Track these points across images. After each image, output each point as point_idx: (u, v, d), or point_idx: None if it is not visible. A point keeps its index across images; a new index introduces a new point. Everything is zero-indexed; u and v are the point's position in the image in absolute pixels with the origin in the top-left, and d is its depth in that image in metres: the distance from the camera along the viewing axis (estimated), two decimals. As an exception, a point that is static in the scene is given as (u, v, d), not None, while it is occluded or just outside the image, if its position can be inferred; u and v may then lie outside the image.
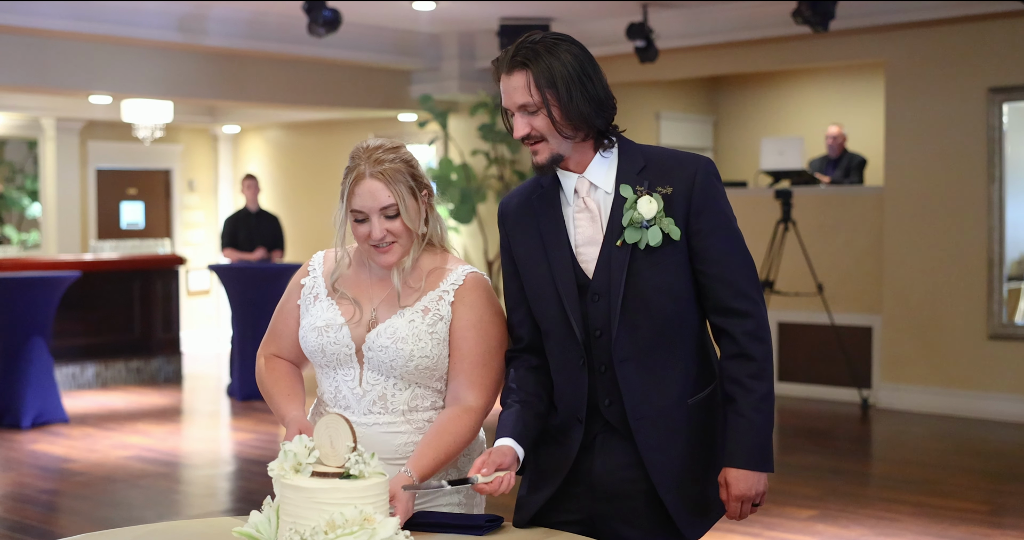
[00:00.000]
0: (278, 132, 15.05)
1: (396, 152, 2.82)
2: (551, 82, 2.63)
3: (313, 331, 2.86)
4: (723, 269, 2.70)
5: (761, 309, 2.72)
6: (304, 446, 2.42)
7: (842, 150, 11.23)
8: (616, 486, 2.75)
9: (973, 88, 9.37)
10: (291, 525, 2.31)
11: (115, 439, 8.78)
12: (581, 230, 2.75)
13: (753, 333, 2.69)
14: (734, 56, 10.69)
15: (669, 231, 2.66)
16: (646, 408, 2.71)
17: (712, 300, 2.72)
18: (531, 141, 2.70)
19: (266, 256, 10.99)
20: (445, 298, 2.84)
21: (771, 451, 2.72)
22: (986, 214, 9.31)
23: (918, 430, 9.00)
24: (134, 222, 14.53)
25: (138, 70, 10.47)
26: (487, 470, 2.63)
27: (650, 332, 2.70)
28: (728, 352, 2.71)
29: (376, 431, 2.82)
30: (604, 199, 2.74)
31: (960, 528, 6.19)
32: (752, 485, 2.69)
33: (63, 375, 10.96)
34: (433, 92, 11.89)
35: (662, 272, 2.69)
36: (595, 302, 2.72)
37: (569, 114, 2.65)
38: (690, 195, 2.68)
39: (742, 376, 2.69)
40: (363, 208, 2.81)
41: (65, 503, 7.01)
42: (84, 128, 13.82)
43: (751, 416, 2.67)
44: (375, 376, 2.83)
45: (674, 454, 2.72)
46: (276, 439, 8.76)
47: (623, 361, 2.70)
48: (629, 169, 2.72)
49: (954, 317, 9.48)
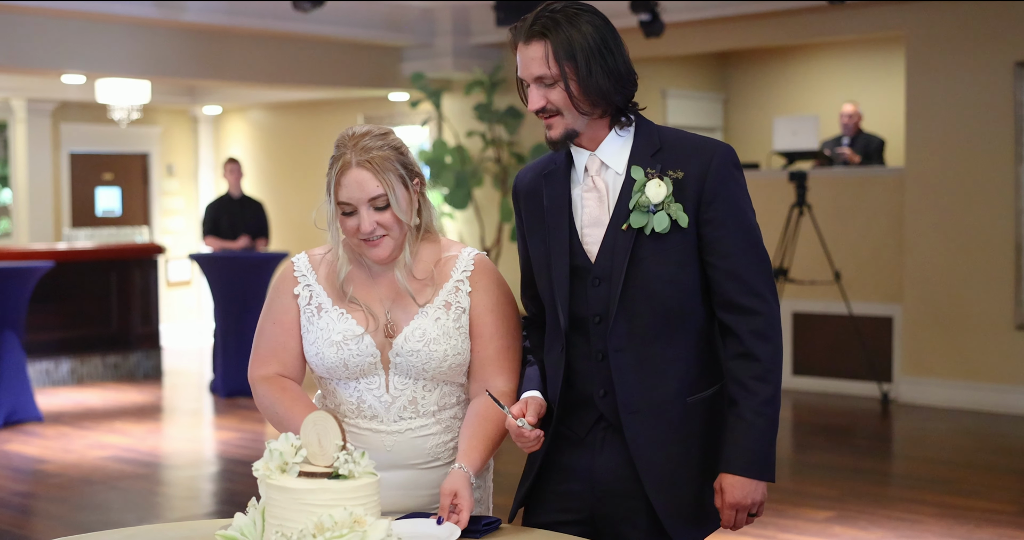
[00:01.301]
0: (262, 113, 15.04)
1: (384, 138, 2.81)
2: (570, 54, 2.64)
3: (331, 346, 2.82)
4: (733, 263, 2.68)
5: (772, 308, 2.70)
6: (291, 445, 2.41)
7: (857, 130, 11.17)
8: (615, 484, 2.76)
9: (999, 62, 9.35)
10: (277, 528, 2.31)
11: (92, 439, 8.78)
12: (588, 210, 2.76)
13: (760, 332, 2.68)
14: (745, 30, 10.67)
15: (677, 217, 2.66)
16: (639, 401, 2.71)
17: (720, 295, 2.71)
18: (546, 115, 2.70)
19: (250, 244, 10.98)
20: (462, 288, 2.87)
21: (773, 459, 2.71)
22: (1013, 196, 9.30)
23: (941, 426, 9.00)
24: (110, 209, 14.52)
25: (113, 48, 10.45)
26: (532, 418, 2.69)
27: (650, 322, 2.70)
28: (732, 351, 2.71)
29: (408, 437, 2.85)
30: (614, 180, 2.74)
31: (986, 530, 6.20)
32: (748, 493, 2.67)
33: (36, 371, 10.96)
34: (426, 70, 11.87)
35: (667, 260, 2.68)
36: (596, 286, 2.72)
37: (587, 88, 2.65)
38: (703, 182, 2.67)
39: (745, 377, 2.67)
40: (350, 199, 2.80)
41: (39, 506, 7.01)
42: (56, 109, 13.80)
43: (752, 420, 2.66)
44: (403, 380, 2.84)
45: (667, 454, 2.71)
46: (261, 438, 8.77)
47: (619, 350, 2.70)
48: (643, 150, 2.73)
49: (979, 306, 9.48)
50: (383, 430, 2.84)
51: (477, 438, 2.76)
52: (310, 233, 13.83)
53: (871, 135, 11.15)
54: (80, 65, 10.38)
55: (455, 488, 2.64)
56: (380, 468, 2.84)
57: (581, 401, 2.78)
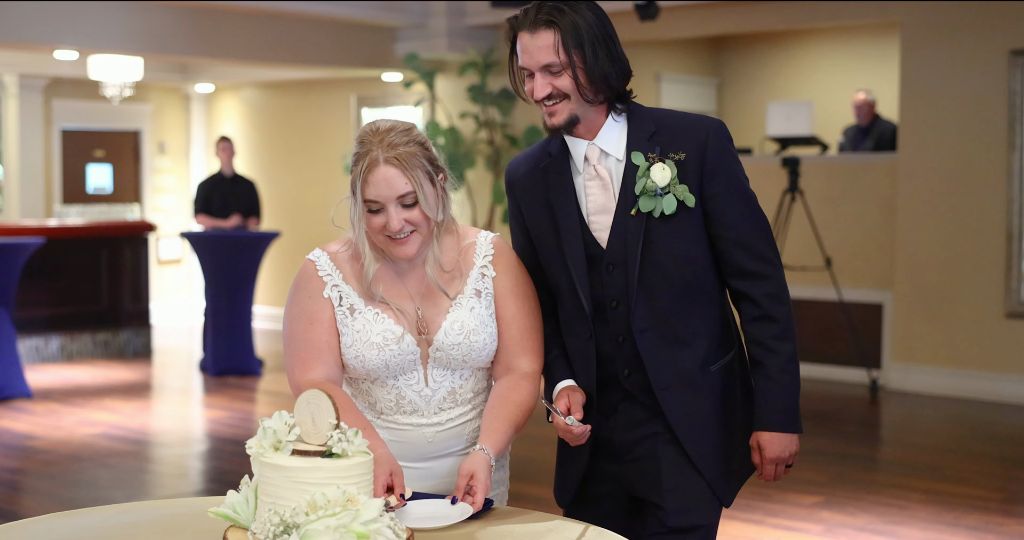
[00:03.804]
0: (254, 91, 15.00)
1: (409, 134, 2.78)
2: (579, 42, 2.70)
3: (371, 348, 2.79)
4: (739, 233, 2.80)
5: (779, 270, 2.84)
6: (284, 423, 2.42)
7: (872, 117, 11.07)
8: (637, 446, 2.86)
9: (994, 50, 9.36)
10: (270, 506, 2.32)
11: (81, 416, 8.78)
12: (593, 199, 2.82)
13: (774, 295, 2.82)
14: (740, 14, 10.66)
15: (684, 198, 2.75)
16: (670, 377, 2.81)
17: (730, 264, 2.83)
18: (551, 102, 2.74)
19: (241, 223, 10.97)
20: (487, 274, 2.89)
21: (799, 412, 2.85)
22: (1006, 184, 9.32)
23: (930, 413, 9.03)
24: (101, 186, 14.48)
25: (106, 24, 10.41)
26: (578, 414, 2.80)
27: (669, 301, 2.80)
28: (749, 315, 2.84)
29: (449, 427, 2.87)
30: (616, 166, 2.80)
31: (973, 516, 6.23)
32: (785, 446, 2.83)
33: (26, 348, 10.95)
34: (420, 50, 11.85)
35: (679, 240, 2.78)
36: (610, 272, 2.80)
37: (593, 76, 2.72)
38: (703, 159, 2.76)
39: (766, 338, 2.82)
40: (378, 197, 2.74)
41: (28, 483, 7.02)
42: (48, 86, 13.74)
43: (779, 378, 2.82)
44: (441, 373, 2.86)
45: (704, 421, 2.84)
46: (251, 417, 8.78)
47: (643, 331, 2.80)
48: (640, 135, 2.79)
49: (970, 294, 9.51)
50: (424, 423, 2.85)
51: (500, 420, 2.78)
52: (302, 212, 13.82)
53: (887, 122, 11.02)
54: (73, 41, 10.34)
55: (473, 469, 2.65)
56: (423, 459, 2.88)
57: (606, 382, 2.88)
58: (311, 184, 13.88)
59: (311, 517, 2.26)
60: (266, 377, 10.48)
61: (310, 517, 2.26)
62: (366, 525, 2.27)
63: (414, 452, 2.86)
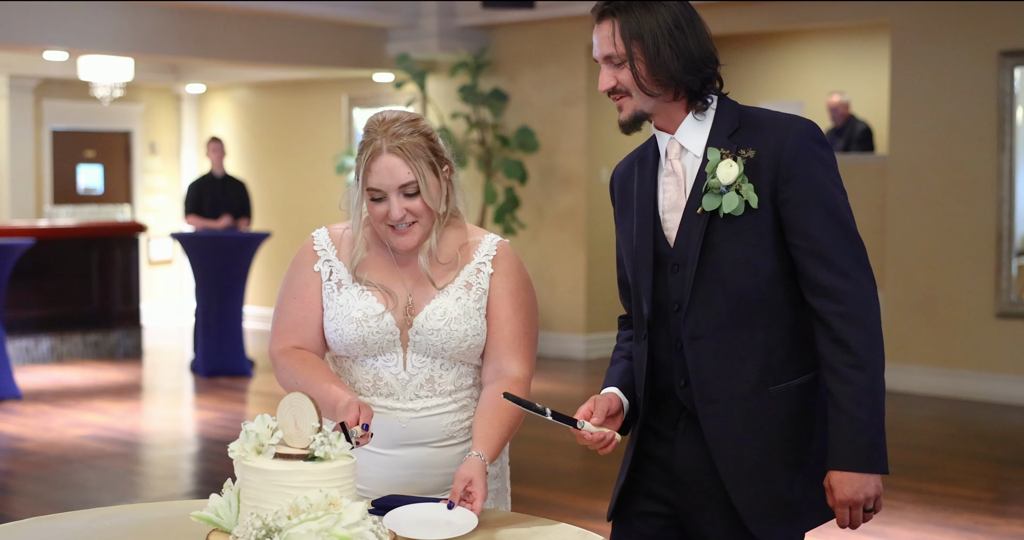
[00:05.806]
0: (245, 92, 14.98)
1: (415, 125, 2.82)
2: (637, 34, 2.59)
3: (350, 323, 2.82)
4: (815, 244, 2.58)
5: (862, 289, 2.60)
6: (267, 426, 2.41)
7: (845, 119, 11.17)
8: (694, 475, 2.70)
9: (983, 51, 9.36)
10: (252, 509, 2.31)
11: (71, 417, 8.76)
12: (668, 195, 2.71)
13: (848, 315, 2.57)
14: (730, 15, 10.66)
15: (748, 198, 2.58)
16: (717, 392, 2.63)
17: (805, 278, 2.61)
18: (616, 95, 2.66)
19: (232, 224, 10.95)
20: (484, 270, 2.89)
21: (883, 449, 2.61)
22: (995, 185, 9.32)
23: (920, 413, 9.04)
24: (92, 187, 14.46)
25: (96, 25, 10.40)
26: (597, 419, 2.65)
27: (726, 309, 2.62)
28: (822, 337, 2.60)
29: (424, 415, 2.86)
30: (692, 163, 2.69)
31: (963, 516, 6.22)
32: (859, 488, 2.58)
33: (16, 349, 10.93)
34: (411, 51, 11.84)
35: (741, 244, 2.61)
36: (675, 273, 2.67)
37: (655, 70, 2.60)
38: (778, 160, 2.59)
39: (838, 364, 2.57)
40: (380, 186, 2.78)
41: (17, 484, 7.00)
42: (38, 86, 13.72)
43: (851, 411, 2.56)
44: (420, 359, 2.85)
45: (748, 445, 2.63)
46: (240, 418, 8.75)
47: (695, 339, 2.64)
48: (721, 131, 2.67)
49: (960, 294, 9.51)
50: (399, 407, 2.85)
51: (493, 425, 2.75)
52: (293, 213, 13.80)
53: (859, 120, 11.13)
54: (63, 42, 10.32)
55: (470, 476, 2.62)
56: (394, 445, 2.87)
57: (665, 392, 2.73)
58: (302, 185, 13.87)
59: (293, 521, 2.25)
60: (257, 378, 10.47)
61: (292, 521, 2.25)
62: (348, 529, 2.26)
63: (386, 437, 2.85)
